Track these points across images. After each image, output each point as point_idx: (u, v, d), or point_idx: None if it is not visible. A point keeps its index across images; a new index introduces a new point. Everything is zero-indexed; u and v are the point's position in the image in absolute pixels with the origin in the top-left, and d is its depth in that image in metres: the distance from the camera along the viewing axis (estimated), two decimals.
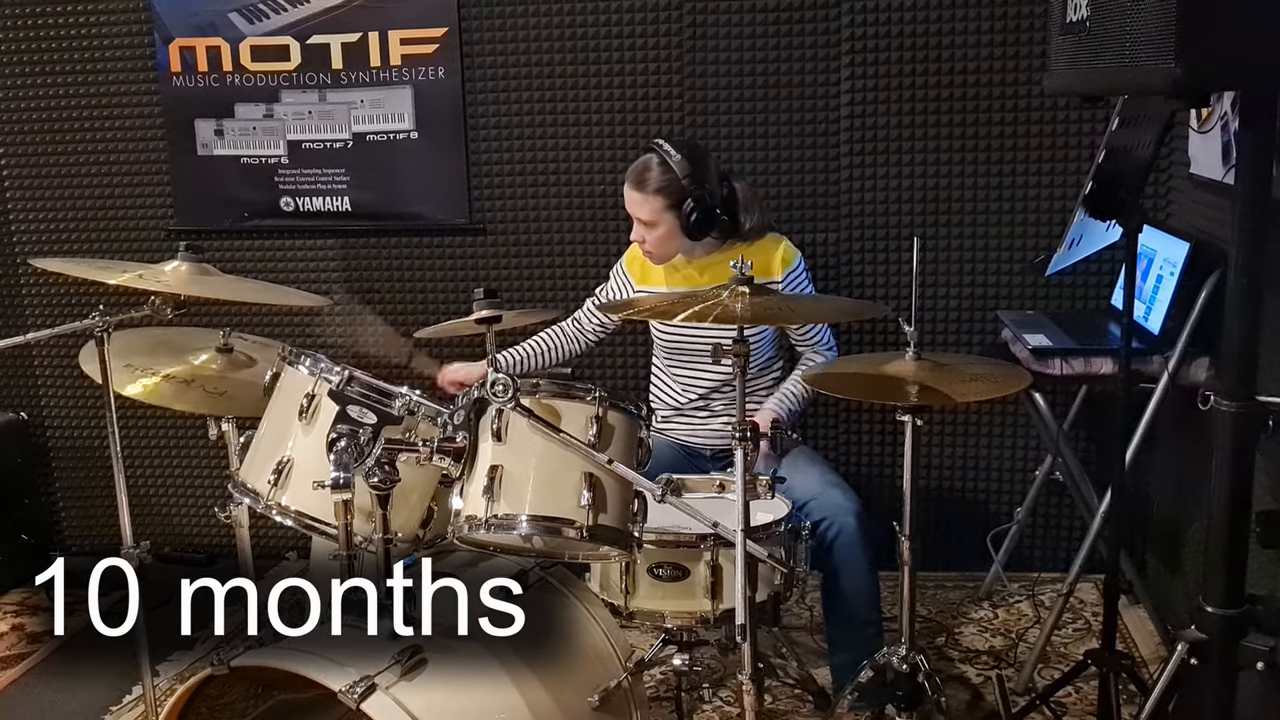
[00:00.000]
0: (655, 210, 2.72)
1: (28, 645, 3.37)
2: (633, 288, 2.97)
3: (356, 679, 1.75)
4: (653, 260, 2.86)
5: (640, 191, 2.73)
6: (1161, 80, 1.47)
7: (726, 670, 2.92)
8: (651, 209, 2.72)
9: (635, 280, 2.97)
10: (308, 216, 3.67)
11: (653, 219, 2.73)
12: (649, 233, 2.76)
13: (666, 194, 2.71)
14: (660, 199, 2.71)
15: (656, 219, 2.73)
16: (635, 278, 2.97)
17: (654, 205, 2.72)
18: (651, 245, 2.79)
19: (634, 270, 2.98)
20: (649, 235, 2.77)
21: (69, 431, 3.95)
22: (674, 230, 2.74)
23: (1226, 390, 1.68)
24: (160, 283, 2.24)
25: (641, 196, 2.73)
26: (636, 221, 2.78)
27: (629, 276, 2.99)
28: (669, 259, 2.85)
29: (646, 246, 2.80)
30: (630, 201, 2.77)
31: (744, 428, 1.92)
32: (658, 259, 2.84)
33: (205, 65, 3.59)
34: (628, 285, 2.98)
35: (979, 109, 3.31)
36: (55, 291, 3.82)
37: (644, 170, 2.74)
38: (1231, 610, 1.73)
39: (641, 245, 2.81)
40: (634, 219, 2.78)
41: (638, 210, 2.75)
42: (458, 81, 3.50)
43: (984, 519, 3.51)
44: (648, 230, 2.76)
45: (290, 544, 3.86)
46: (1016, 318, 3.19)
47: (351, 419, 1.95)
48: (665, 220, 2.73)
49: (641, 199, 2.73)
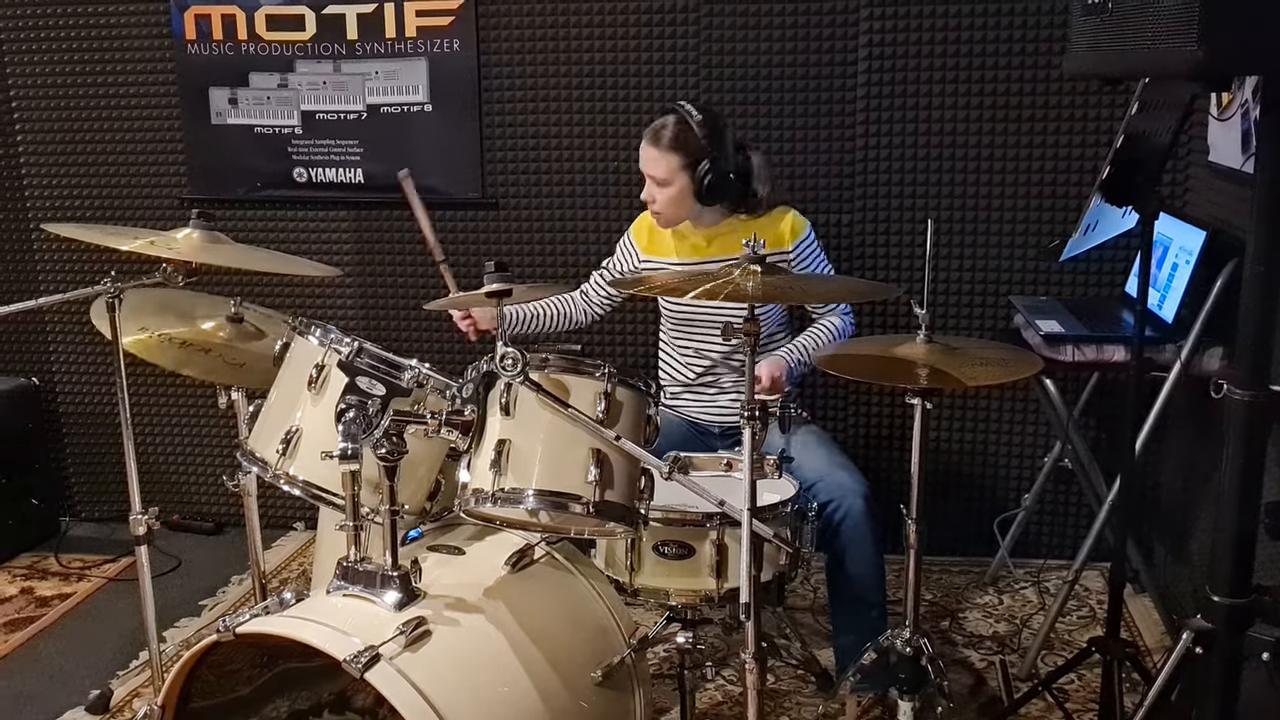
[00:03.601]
0: (670, 168, 2.69)
1: (36, 609, 3.39)
2: (639, 256, 2.95)
3: (361, 649, 1.75)
4: (660, 222, 2.83)
5: (656, 147, 2.70)
6: (1183, 63, 1.46)
7: (730, 649, 2.92)
8: (667, 166, 2.69)
9: (642, 249, 2.95)
10: (320, 188, 3.66)
11: (667, 177, 2.70)
12: (660, 192, 2.73)
13: (684, 152, 2.68)
14: (677, 156, 2.68)
15: (670, 177, 2.70)
16: (642, 246, 2.95)
17: (670, 163, 2.69)
18: (661, 205, 2.75)
19: (641, 239, 2.96)
20: (660, 195, 2.73)
21: (79, 397, 3.97)
22: (686, 192, 2.71)
23: (1240, 379, 1.67)
24: (172, 250, 2.24)
25: (658, 153, 2.70)
26: (649, 180, 2.75)
27: (635, 245, 2.97)
28: (677, 223, 2.82)
29: (656, 207, 2.77)
30: (646, 158, 2.73)
31: (752, 406, 1.91)
32: (666, 221, 2.81)
33: (220, 33, 3.58)
34: (634, 254, 2.96)
35: (996, 91, 3.28)
36: (67, 257, 3.83)
37: (662, 127, 2.71)
38: (1238, 600, 1.73)
39: (651, 205, 2.78)
40: (646, 177, 2.75)
41: (653, 167, 2.72)
42: (473, 54, 3.49)
43: (991, 504, 3.51)
44: (660, 189, 2.73)
45: (298, 514, 3.90)
46: (1029, 303, 3.17)
47: (360, 390, 1.95)
48: (679, 180, 2.70)
49: (658, 155, 2.70)
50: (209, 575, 3.59)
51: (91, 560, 3.71)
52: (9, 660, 3.10)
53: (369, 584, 1.93)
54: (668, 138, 2.69)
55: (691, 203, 2.74)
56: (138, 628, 2.54)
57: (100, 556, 3.72)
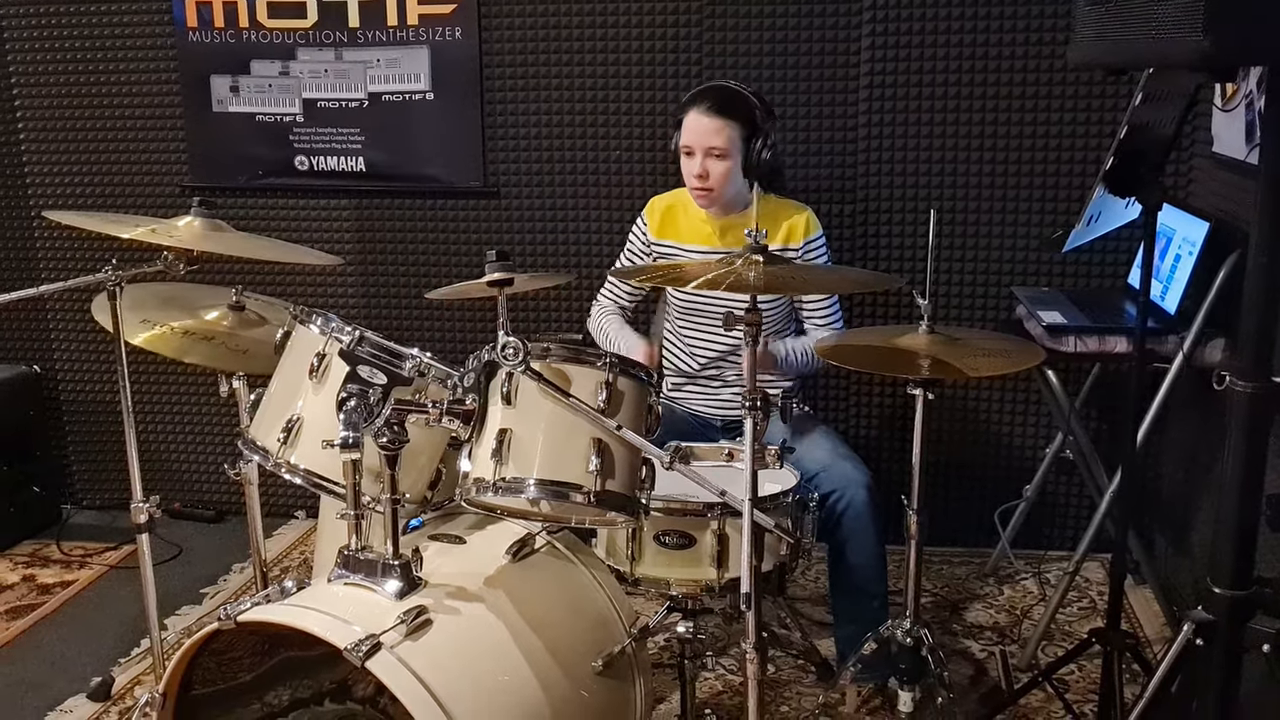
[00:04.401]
0: (730, 138, 2.60)
1: (38, 596, 3.40)
2: (647, 237, 2.88)
3: (362, 637, 1.75)
4: (708, 202, 2.71)
5: (721, 116, 2.60)
6: (1189, 53, 1.45)
7: (730, 639, 2.93)
8: (728, 136, 2.60)
9: (653, 232, 2.88)
10: (322, 176, 3.66)
11: (726, 147, 2.60)
12: (716, 165, 2.62)
13: (744, 122, 2.61)
14: (739, 127, 2.60)
15: (729, 148, 2.60)
16: (653, 229, 2.88)
17: (731, 133, 2.60)
18: (715, 180, 2.64)
19: (653, 221, 2.88)
20: (715, 169, 2.62)
21: (81, 385, 3.97)
22: (737, 168, 2.63)
23: (1242, 370, 1.66)
24: (173, 238, 2.23)
25: (721, 122, 2.60)
26: (702, 154, 2.63)
27: (646, 227, 2.89)
28: (722, 202, 2.72)
29: (709, 183, 2.64)
30: (704, 129, 2.61)
31: (754, 396, 1.91)
32: (713, 199, 2.70)
33: (222, 21, 3.57)
34: (643, 235, 2.90)
35: (999, 82, 3.27)
36: (69, 245, 3.83)
37: (719, 96, 2.62)
38: (1239, 592, 1.73)
39: (701, 182, 2.65)
40: (697, 151, 2.63)
41: (713, 138, 2.60)
42: (475, 43, 3.48)
43: (992, 495, 3.51)
44: (715, 162, 2.62)
45: (299, 502, 3.90)
46: (1031, 294, 3.17)
47: (362, 379, 1.94)
48: (736, 153, 2.61)
49: (721, 124, 2.60)
50: (210, 563, 3.59)
51: (93, 548, 3.71)
52: (10, 648, 3.11)
53: (370, 573, 1.93)
54: (731, 105, 2.59)
55: (740, 179, 2.66)
56: (139, 615, 2.54)
57: (101, 544, 3.72)
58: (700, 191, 2.70)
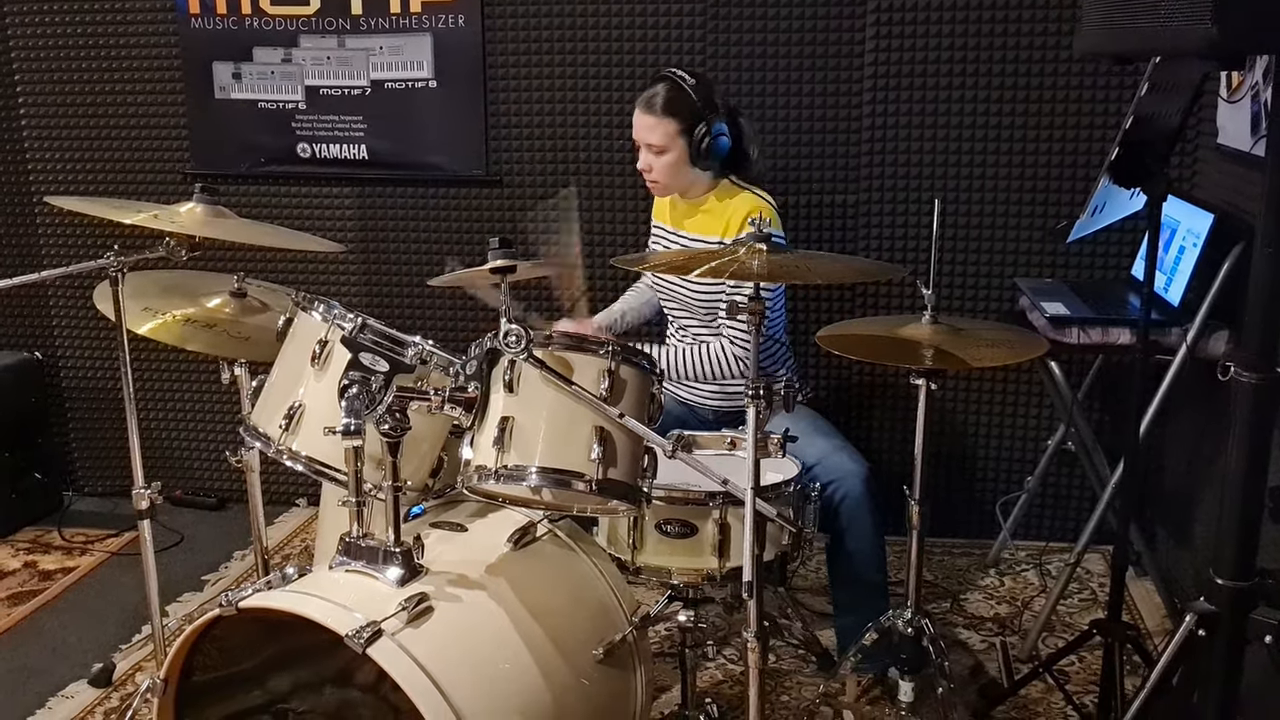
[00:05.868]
0: (667, 134, 2.68)
1: (40, 583, 3.40)
2: (650, 218, 3.00)
3: (363, 624, 1.75)
4: (657, 191, 2.84)
5: (652, 114, 2.69)
6: (1197, 41, 1.44)
7: (731, 628, 2.93)
8: (664, 132, 2.68)
9: (654, 213, 3.00)
10: (324, 164, 3.65)
11: (664, 144, 2.69)
12: (658, 160, 2.72)
13: (679, 116, 2.67)
14: (673, 122, 2.68)
15: (667, 144, 2.69)
16: (654, 210, 3.00)
17: (666, 129, 2.68)
18: (659, 174, 2.74)
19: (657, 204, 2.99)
20: (657, 163, 2.72)
21: (82, 372, 3.97)
22: (683, 158, 2.71)
23: (1247, 361, 1.66)
24: (175, 223, 2.23)
25: (654, 120, 2.69)
26: (645, 149, 2.74)
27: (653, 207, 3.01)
28: (673, 191, 2.83)
29: (653, 175, 2.76)
30: (641, 126, 2.72)
31: (757, 385, 1.91)
32: (663, 189, 2.81)
33: (224, 7, 3.56)
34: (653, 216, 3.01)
35: (1004, 72, 3.26)
36: (71, 230, 3.82)
37: (654, 94, 2.70)
38: (1242, 582, 1.72)
39: (647, 174, 2.77)
40: (642, 146, 2.74)
41: (649, 135, 2.71)
42: (478, 30, 3.47)
43: (994, 486, 3.51)
44: (656, 157, 2.72)
45: (300, 489, 3.90)
46: (1035, 285, 3.16)
47: (364, 366, 1.94)
48: (676, 146, 2.69)
49: (654, 122, 2.69)
50: (211, 550, 3.60)
51: (94, 535, 3.72)
52: (12, 634, 3.11)
53: (371, 560, 1.93)
54: (661, 103, 2.68)
55: (689, 170, 2.74)
56: (140, 602, 2.55)
57: (103, 531, 3.73)
58: (649, 183, 2.81)
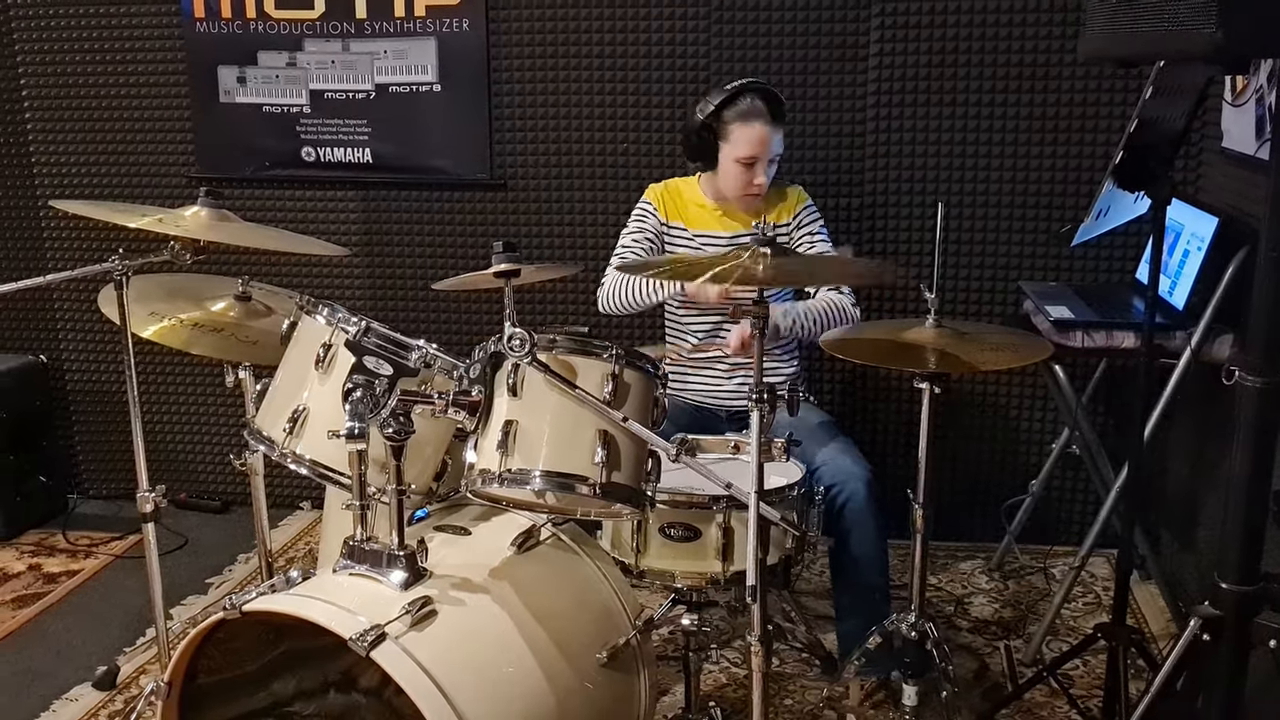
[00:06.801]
0: (782, 140, 2.77)
1: (44, 585, 3.41)
2: (659, 221, 2.92)
3: (367, 627, 1.75)
4: (757, 203, 2.82)
5: (779, 126, 2.74)
6: (1202, 45, 1.44)
7: (734, 632, 2.92)
8: (780, 139, 2.76)
9: (663, 214, 2.93)
10: (328, 167, 3.65)
11: (778, 152, 2.76)
12: (771, 170, 2.77)
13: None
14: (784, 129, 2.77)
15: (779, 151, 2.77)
16: (663, 213, 2.93)
17: (781, 135, 2.76)
18: (767, 185, 2.78)
19: (661, 205, 2.93)
20: (769, 173, 2.77)
21: (88, 375, 3.97)
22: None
23: (1251, 365, 1.66)
24: (180, 227, 2.23)
25: (780, 130, 2.75)
26: (761, 164, 2.73)
27: (654, 210, 2.93)
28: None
29: (764, 189, 2.77)
30: (773, 140, 2.73)
31: (760, 389, 1.90)
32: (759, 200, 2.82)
33: (229, 11, 3.57)
34: (654, 219, 2.92)
35: (1009, 75, 3.26)
36: (76, 234, 3.83)
37: (772, 107, 2.73)
38: (1247, 587, 1.72)
39: (760, 189, 2.77)
40: (755, 161, 2.73)
41: (778, 146, 2.76)
42: (482, 34, 3.47)
43: (998, 490, 3.50)
44: (771, 167, 2.77)
45: (304, 493, 3.91)
46: (1039, 289, 3.16)
47: (368, 370, 1.94)
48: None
49: (781, 133, 2.75)
50: (216, 553, 3.60)
51: (99, 537, 3.72)
52: (16, 636, 3.12)
53: (375, 563, 1.93)
54: (781, 112, 2.75)
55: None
56: (144, 605, 2.55)
57: (107, 534, 3.73)
58: (753, 198, 2.80)
